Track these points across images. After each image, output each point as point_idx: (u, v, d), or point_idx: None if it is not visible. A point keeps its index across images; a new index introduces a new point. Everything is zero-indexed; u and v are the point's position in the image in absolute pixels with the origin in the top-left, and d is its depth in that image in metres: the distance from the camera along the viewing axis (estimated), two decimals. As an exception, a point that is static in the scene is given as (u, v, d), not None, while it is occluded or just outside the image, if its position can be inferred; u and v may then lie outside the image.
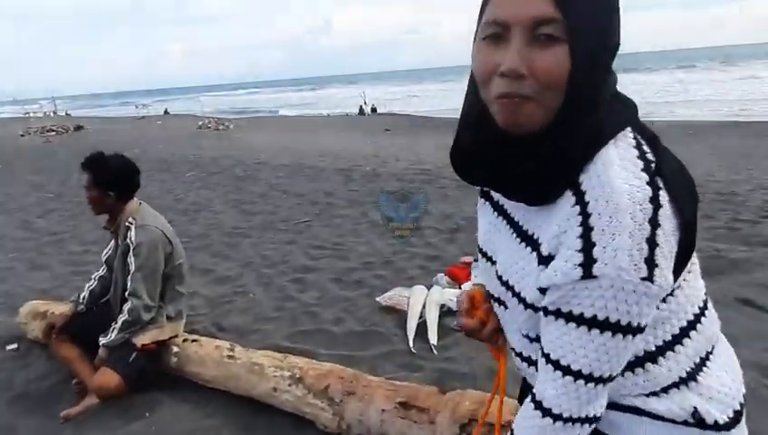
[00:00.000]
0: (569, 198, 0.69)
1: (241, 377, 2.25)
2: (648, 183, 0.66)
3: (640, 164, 0.68)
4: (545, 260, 0.72)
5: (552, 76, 0.66)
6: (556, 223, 0.70)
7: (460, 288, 3.07)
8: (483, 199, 0.90)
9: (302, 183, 7.17)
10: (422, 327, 2.76)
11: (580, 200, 0.67)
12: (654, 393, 0.77)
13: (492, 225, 0.87)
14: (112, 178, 2.32)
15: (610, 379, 0.72)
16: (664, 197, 0.66)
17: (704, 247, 3.72)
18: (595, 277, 0.65)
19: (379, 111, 23.07)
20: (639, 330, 0.69)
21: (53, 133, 17.48)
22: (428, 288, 3.07)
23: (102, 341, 2.31)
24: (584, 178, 0.68)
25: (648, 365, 0.76)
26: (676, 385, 0.77)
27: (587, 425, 0.75)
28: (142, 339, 2.34)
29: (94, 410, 2.26)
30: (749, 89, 22.88)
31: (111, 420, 2.20)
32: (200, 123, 19.11)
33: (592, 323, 0.68)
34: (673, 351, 0.76)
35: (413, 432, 1.82)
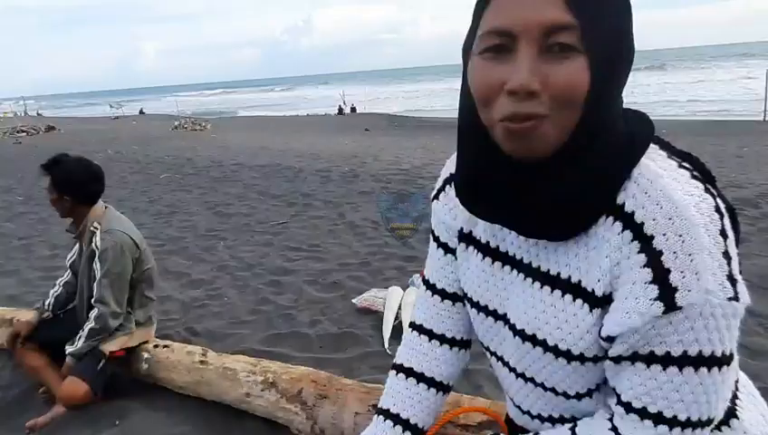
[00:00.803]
0: (610, 225, 0.61)
1: (213, 383, 2.21)
2: (705, 191, 0.59)
3: (687, 174, 0.60)
4: (600, 302, 0.62)
5: (571, 92, 0.57)
6: (605, 255, 0.61)
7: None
8: (463, 244, 0.80)
9: (279, 184, 7.12)
10: (398, 328, 2.76)
11: (630, 224, 0.59)
12: None
13: (486, 273, 0.76)
14: (69, 182, 2.26)
15: (710, 421, 0.62)
16: (722, 203, 0.60)
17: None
18: (680, 308, 0.56)
19: (358, 110, 23.05)
20: (732, 358, 0.60)
21: (24, 134, 17.04)
22: (404, 289, 3.07)
23: (69, 349, 2.25)
24: (626, 199, 0.60)
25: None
26: (717, 427, 0.68)
27: None
28: (111, 346, 2.28)
29: (61, 421, 2.20)
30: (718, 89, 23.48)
31: (80, 430, 2.14)
32: (176, 123, 18.85)
33: (683, 361, 0.58)
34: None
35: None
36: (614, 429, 0.66)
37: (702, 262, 0.55)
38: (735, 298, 0.57)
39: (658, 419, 0.61)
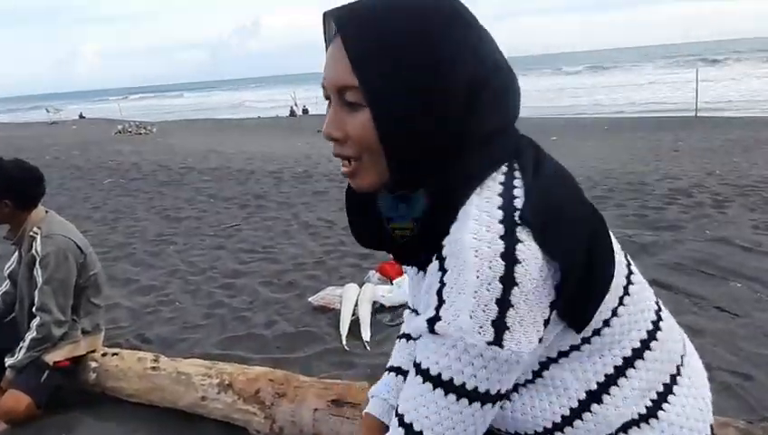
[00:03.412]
0: (434, 258, 0.66)
1: (166, 388, 2.15)
2: (501, 237, 0.60)
3: (499, 215, 0.62)
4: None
5: (364, 140, 0.66)
6: (429, 279, 0.67)
7: (391, 284, 3.10)
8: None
9: (230, 187, 6.98)
10: (355, 324, 2.77)
11: (440, 256, 0.64)
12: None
13: (414, 280, 0.84)
14: (9, 186, 2.14)
15: None
16: (526, 250, 0.59)
17: (615, 233, 3.98)
18: (438, 334, 0.61)
19: (310, 112, 22.85)
20: (490, 398, 0.63)
21: (-48, 141, 15.99)
22: (360, 286, 3.08)
23: (9, 361, 2.13)
24: (447, 237, 0.64)
25: (594, 407, 0.71)
26: (635, 423, 0.72)
27: None
28: (55, 356, 2.18)
29: (3, 436, 2.10)
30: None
31: (23, 446, 2.05)
32: (119, 127, 18.17)
33: (437, 381, 0.62)
34: (617, 385, 0.71)
35: (345, 428, 1.81)
36: None
37: (464, 302, 0.59)
38: (497, 344, 0.59)
39: (408, 428, 0.65)
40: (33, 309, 2.16)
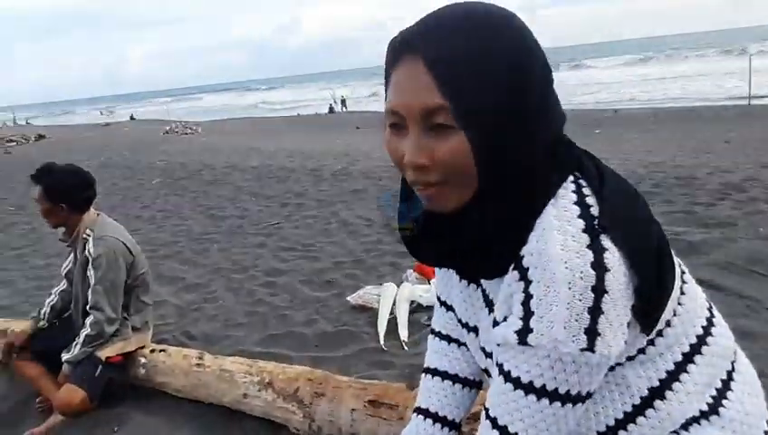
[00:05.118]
0: (512, 270, 0.67)
1: (210, 385, 2.23)
2: (588, 246, 0.62)
3: (580, 224, 0.64)
4: (496, 325, 0.71)
5: (456, 164, 0.64)
6: (506, 289, 0.69)
7: (429, 283, 3.10)
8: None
9: (271, 185, 7.13)
10: (393, 324, 2.78)
11: (521, 267, 0.65)
12: (674, 432, 0.74)
13: (465, 294, 0.85)
14: (63, 190, 2.26)
15: None
16: (611, 257, 0.62)
17: (664, 231, 3.84)
18: (531, 346, 0.64)
19: (349, 108, 23.02)
20: (580, 399, 0.66)
21: (14, 144, 16.99)
22: (398, 285, 3.09)
23: (65, 356, 2.26)
24: (525, 248, 0.66)
25: (657, 403, 0.73)
26: (696, 420, 0.75)
27: None
28: (107, 352, 2.30)
29: (59, 430, 2.21)
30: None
31: (79, 438, 2.16)
32: (167, 128, 18.86)
33: (530, 388, 0.66)
34: (679, 380, 0.74)
35: (383, 429, 1.83)
36: None
37: (558, 314, 0.61)
38: (590, 350, 0.62)
39: (503, 431, 0.69)
40: (87, 307, 2.28)
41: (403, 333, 2.71)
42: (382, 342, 2.67)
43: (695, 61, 36.01)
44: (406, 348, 2.61)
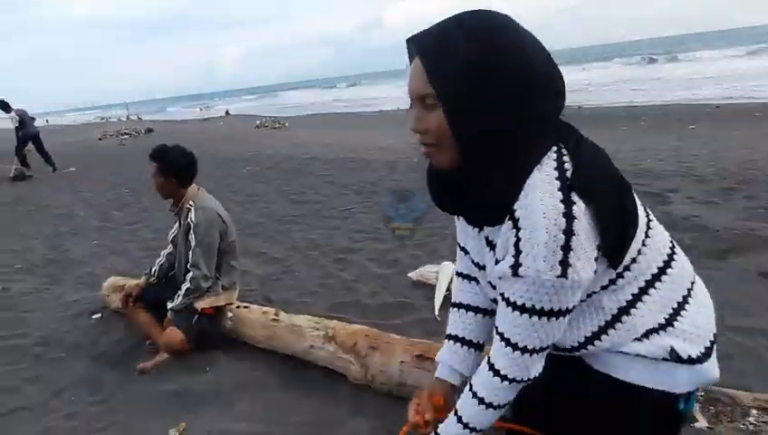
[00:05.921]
0: (507, 220, 0.87)
1: (283, 337, 2.58)
2: (561, 201, 0.82)
3: (557, 184, 0.83)
4: (497, 263, 0.92)
5: (439, 133, 0.87)
6: (504, 235, 0.89)
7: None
8: (463, 220, 1.07)
9: (348, 175, 7.50)
10: (448, 299, 3.00)
11: (514, 219, 0.85)
12: (637, 339, 0.95)
13: (476, 240, 1.04)
14: (174, 167, 2.71)
15: (542, 350, 0.93)
16: (578, 209, 0.81)
17: (736, 226, 3.74)
18: (521, 276, 0.85)
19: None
20: (561, 313, 0.88)
21: (127, 136, 18.67)
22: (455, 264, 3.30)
23: (170, 305, 2.72)
24: (517, 203, 0.85)
25: (624, 317, 0.95)
26: (655, 331, 0.95)
27: (523, 383, 0.97)
28: (202, 304, 2.73)
29: (165, 365, 2.66)
30: None
31: (179, 374, 2.58)
32: (258, 122, 19.85)
33: (523, 308, 0.88)
34: (642, 301, 0.95)
35: (427, 380, 2.05)
36: (489, 361, 0.98)
37: (539, 251, 0.82)
38: (564, 276, 0.82)
39: (511, 344, 0.92)
40: (188, 265, 2.73)
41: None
42: (437, 313, 2.90)
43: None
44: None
